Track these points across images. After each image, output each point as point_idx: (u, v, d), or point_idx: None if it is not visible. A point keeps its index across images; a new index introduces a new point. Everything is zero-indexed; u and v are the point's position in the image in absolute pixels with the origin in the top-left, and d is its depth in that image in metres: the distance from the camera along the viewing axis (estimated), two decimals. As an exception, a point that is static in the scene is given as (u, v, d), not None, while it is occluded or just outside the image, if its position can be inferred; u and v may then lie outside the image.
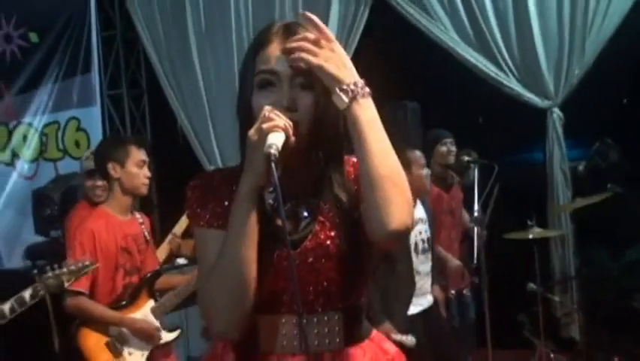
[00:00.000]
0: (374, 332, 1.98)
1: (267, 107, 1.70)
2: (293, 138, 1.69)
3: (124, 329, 3.81)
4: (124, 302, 3.86)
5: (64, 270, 3.39)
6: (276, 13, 6.60)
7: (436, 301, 5.03)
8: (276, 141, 1.63)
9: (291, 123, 1.69)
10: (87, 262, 3.50)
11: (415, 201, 4.85)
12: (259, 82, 1.79)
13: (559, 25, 5.60)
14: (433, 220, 5.05)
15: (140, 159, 3.92)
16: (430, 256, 4.93)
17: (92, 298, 3.78)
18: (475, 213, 5.40)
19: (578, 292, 5.77)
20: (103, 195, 4.71)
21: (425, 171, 4.94)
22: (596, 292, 5.42)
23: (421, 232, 4.85)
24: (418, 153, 4.94)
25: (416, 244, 4.79)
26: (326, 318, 1.85)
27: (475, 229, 5.34)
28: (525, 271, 5.43)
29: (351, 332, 1.89)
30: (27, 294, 3.24)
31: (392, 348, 2.00)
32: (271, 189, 1.77)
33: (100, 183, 4.70)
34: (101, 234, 3.80)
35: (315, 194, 1.87)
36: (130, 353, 3.81)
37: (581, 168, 5.80)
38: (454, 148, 5.82)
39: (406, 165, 4.86)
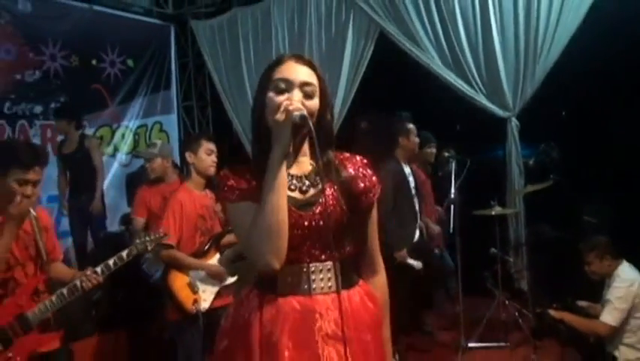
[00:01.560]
0: (360, 281, 1.96)
1: (284, 98, 1.77)
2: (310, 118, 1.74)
3: (200, 272, 3.84)
4: (200, 254, 3.89)
5: (148, 239, 3.49)
6: (305, 47, 6.61)
7: (422, 235, 5.16)
8: (302, 113, 1.71)
9: (305, 109, 1.75)
10: (162, 235, 3.62)
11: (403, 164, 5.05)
12: (275, 87, 1.81)
13: (516, 55, 5.52)
14: (416, 174, 5.21)
15: (208, 148, 3.96)
16: (417, 198, 5.08)
17: (179, 250, 3.84)
18: (452, 195, 5.35)
19: (526, 256, 5.71)
20: (152, 174, 4.80)
21: (417, 139, 5.12)
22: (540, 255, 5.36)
23: (410, 182, 4.92)
24: (412, 126, 5.11)
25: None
26: (328, 267, 1.83)
27: (452, 206, 5.29)
28: (488, 239, 5.35)
29: (345, 278, 1.87)
30: (124, 253, 3.29)
31: (372, 294, 1.98)
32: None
33: (147, 165, 4.85)
34: (186, 203, 3.87)
35: (320, 175, 1.86)
36: (204, 291, 3.82)
37: (531, 162, 5.70)
38: (435, 150, 5.82)
39: (406, 133, 4.94)
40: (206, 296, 3.83)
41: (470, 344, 5.00)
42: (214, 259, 3.92)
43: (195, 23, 7.56)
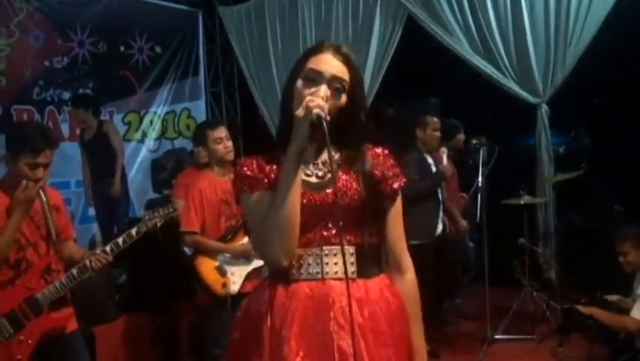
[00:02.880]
0: (382, 275, 1.88)
1: (309, 93, 1.72)
2: (329, 117, 1.68)
3: (227, 255, 3.78)
4: (227, 238, 3.84)
5: (157, 215, 3.38)
6: (332, 32, 6.51)
7: (444, 229, 5.11)
8: (319, 112, 1.65)
9: (327, 105, 1.69)
10: (171, 209, 3.49)
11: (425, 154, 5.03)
12: (305, 75, 1.77)
13: (546, 40, 5.36)
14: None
15: (215, 137, 3.87)
16: (440, 188, 5.03)
17: (203, 236, 3.80)
18: (480, 184, 5.25)
19: (556, 246, 5.55)
20: (205, 158, 4.76)
21: (437, 134, 5.03)
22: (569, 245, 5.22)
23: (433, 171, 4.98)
24: (435, 120, 5.05)
25: None
26: (343, 252, 1.78)
27: (479, 194, 5.18)
28: (517, 229, 5.30)
29: (363, 267, 1.81)
30: (133, 231, 3.23)
31: (394, 289, 1.91)
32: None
33: (202, 149, 4.76)
34: (206, 190, 3.81)
35: (340, 163, 1.83)
36: (232, 274, 3.76)
37: (561, 150, 5.58)
38: (463, 136, 5.75)
39: (423, 125, 4.86)
40: (236, 279, 3.77)
41: (496, 336, 4.92)
42: (242, 243, 3.87)
43: (223, 9, 7.52)
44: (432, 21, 5.87)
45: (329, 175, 1.81)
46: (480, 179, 5.22)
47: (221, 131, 3.91)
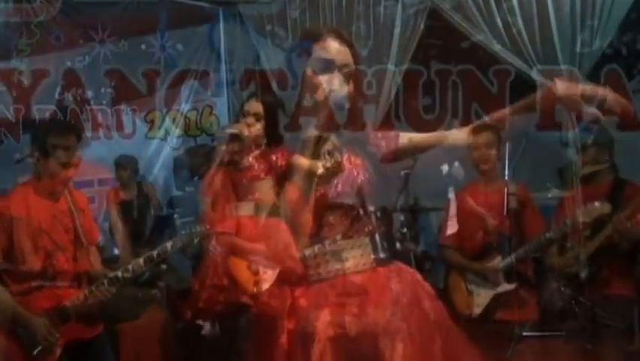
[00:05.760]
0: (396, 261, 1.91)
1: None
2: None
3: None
4: None
5: (194, 231, 3.39)
6: (353, 28, 6.43)
7: None
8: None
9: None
10: (208, 226, 3.49)
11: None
12: (315, 64, 1.83)
13: (572, 28, 5.28)
14: None
15: None
16: None
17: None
18: (506, 177, 5.19)
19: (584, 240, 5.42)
20: (227, 156, 4.74)
21: None
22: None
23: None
24: None
25: None
26: (359, 243, 1.76)
27: (506, 189, 5.11)
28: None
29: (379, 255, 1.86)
30: (169, 245, 3.26)
31: (410, 269, 1.90)
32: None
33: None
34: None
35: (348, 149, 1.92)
36: (264, 272, 3.69)
37: (589, 142, 5.45)
38: None
39: None
40: (267, 277, 3.76)
41: (524, 333, 4.85)
42: None
43: (243, 6, 7.51)
44: (454, 11, 5.79)
45: (334, 163, 1.82)
46: (506, 172, 5.16)
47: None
